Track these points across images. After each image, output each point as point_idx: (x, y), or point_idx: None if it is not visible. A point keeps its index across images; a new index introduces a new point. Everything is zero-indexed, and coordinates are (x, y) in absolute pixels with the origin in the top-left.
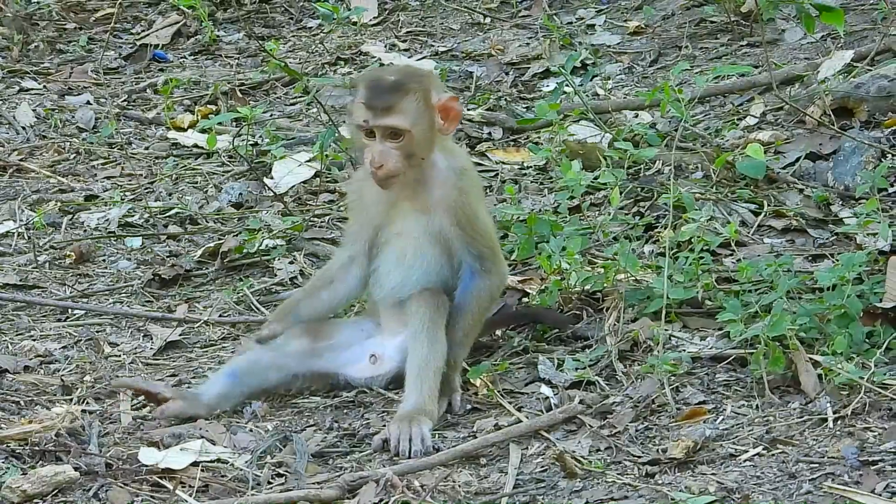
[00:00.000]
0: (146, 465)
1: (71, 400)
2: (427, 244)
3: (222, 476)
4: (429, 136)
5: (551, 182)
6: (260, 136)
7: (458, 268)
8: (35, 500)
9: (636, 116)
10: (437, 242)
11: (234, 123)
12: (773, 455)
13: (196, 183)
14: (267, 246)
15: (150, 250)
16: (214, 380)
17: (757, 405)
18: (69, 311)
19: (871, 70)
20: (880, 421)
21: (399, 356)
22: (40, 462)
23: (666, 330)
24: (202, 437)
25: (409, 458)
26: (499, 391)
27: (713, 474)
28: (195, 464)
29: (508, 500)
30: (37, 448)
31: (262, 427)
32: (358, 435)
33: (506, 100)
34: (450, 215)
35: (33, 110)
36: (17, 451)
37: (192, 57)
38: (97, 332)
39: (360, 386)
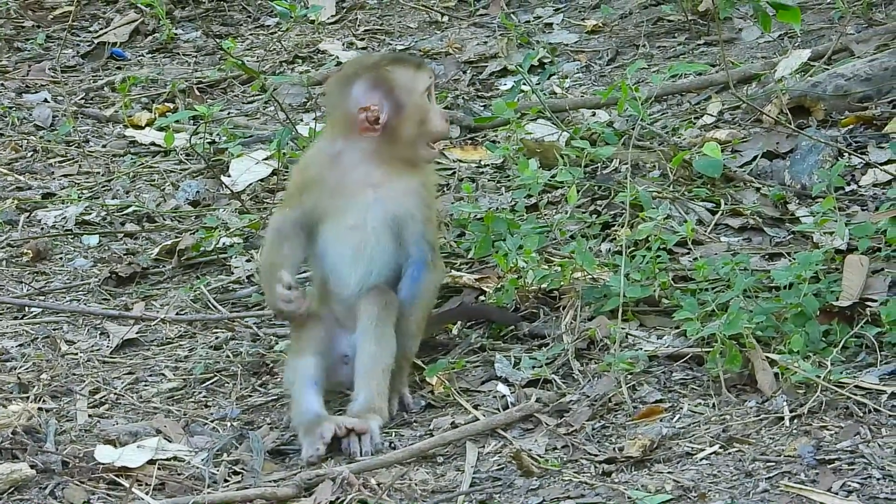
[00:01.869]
0: (102, 463)
1: (27, 398)
2: (385, 235)
3: (179, 474)
4: None
5: (508, 180)
6: (217, 135)
7: (403, 261)
8: None
9: (593, 115)
10: (392, 233)
11: (192, 121)
12: (729, 454)
13: (153, 181)
14: (224, 244)
15: (107, 248)
16: (307, 399)
17: (713, 404)
18: (26, 308)
19: (827, 69)
20: (837, 419)
21: None
22: None
23: (623, 328)
24: (159, 434)
25: (360, 457)
26: (455, 389)
27: (670, 473)
28: (151, 462)
29: (465, 499)
30: None
31: (220, 425)
32: None
33: (463, 98)
34: (422, 200)
35: None
36: None
37: (150, 55)
38: (54, 329)
39: (336, 386)
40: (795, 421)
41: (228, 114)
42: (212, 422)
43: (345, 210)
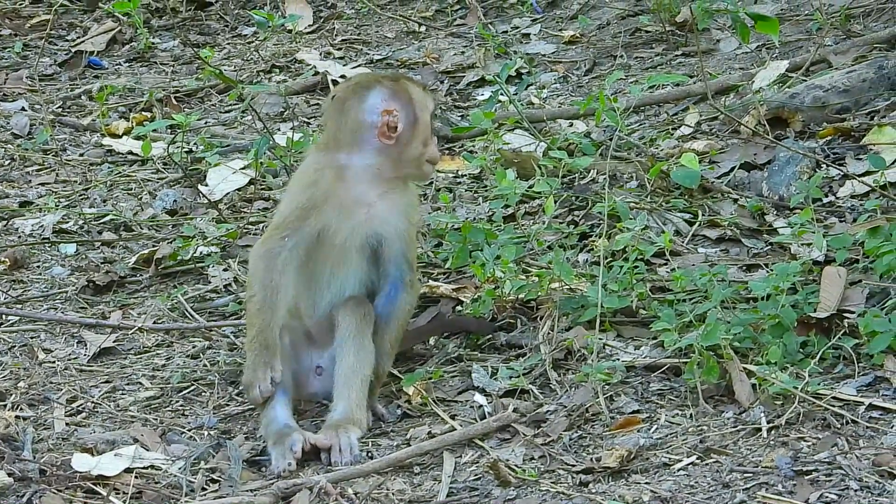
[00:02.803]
0: (79, 472)
1: (5, 406)
2: (364, 253)
3: (156, 483)
4: None
5: (486, 191)
6: (194, 144)
7: (381, 278)
8: None
9: (571, 125)
10: (371, 251)
11: (169, 130)
12: (706, 464)
13: (130, 190)
14: (201, 253)
15: (84, 257)
16: (276, 408)
17: (691, 414)
18: (3, 317)
19: (805, 80)
20: (814, 431)
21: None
22: None
23: (600, 339)
24: (136, 442)
25: (339, 467)
26: (432, 399)
27: (647, 483)
28: (129, 470)
29: None
30: None
31: (197, 434)
32: None
33: (441, 108)
34: (408, 219)
35: None
36: None
37: (128, 64)
38: (31, 338)
39: (311, 397)
40: (773, 432)
41: (206, 123)
42: (189, 431)
43: (337, 229)
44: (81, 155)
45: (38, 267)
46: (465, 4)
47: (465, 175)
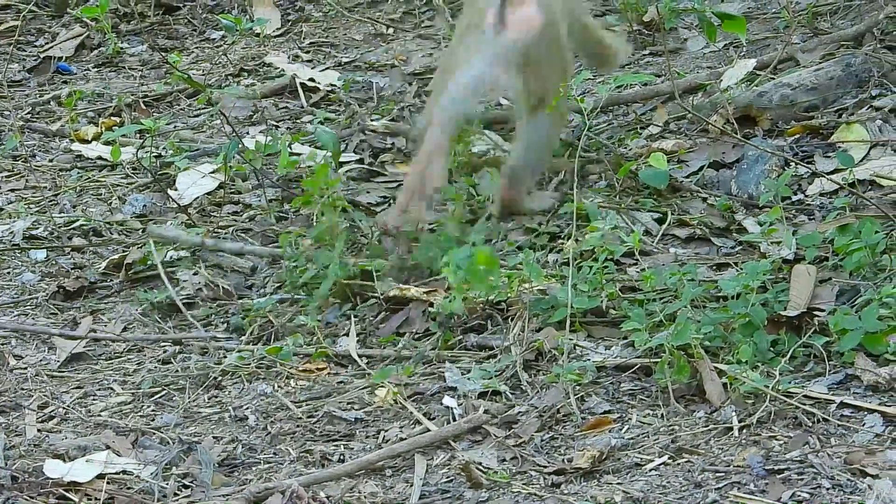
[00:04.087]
0: (51, 478)
1: None
2: None
3: (128, 488)
4: None
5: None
6: (164, 148)
7: None
8: None
9: None
10: None
11: (138, 135)
12: (678, 464)
13: (100, 195)
14: (171, 258)
15: (54, 262)
16: None
17: (662, 414)
18: None
19: (773, 78)
20: (785, 429)
21: None
22: None
23: (570, 339)
24: (107, 448)
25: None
26: (404, 399)
27: (619, 484)
28: (101, 476)
29: None
30: None
31: (169, 439)
32: (261, 448)
33: (409, 110)
34: None
35: None
36: None
37: (96, 69)
38: (2, 344)
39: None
40: (744, 431)
41: (175, 127)
42: (160, 432)
43: None
44: (51, 161)
45: (9, 273)
46: (432, 6)
47: None
